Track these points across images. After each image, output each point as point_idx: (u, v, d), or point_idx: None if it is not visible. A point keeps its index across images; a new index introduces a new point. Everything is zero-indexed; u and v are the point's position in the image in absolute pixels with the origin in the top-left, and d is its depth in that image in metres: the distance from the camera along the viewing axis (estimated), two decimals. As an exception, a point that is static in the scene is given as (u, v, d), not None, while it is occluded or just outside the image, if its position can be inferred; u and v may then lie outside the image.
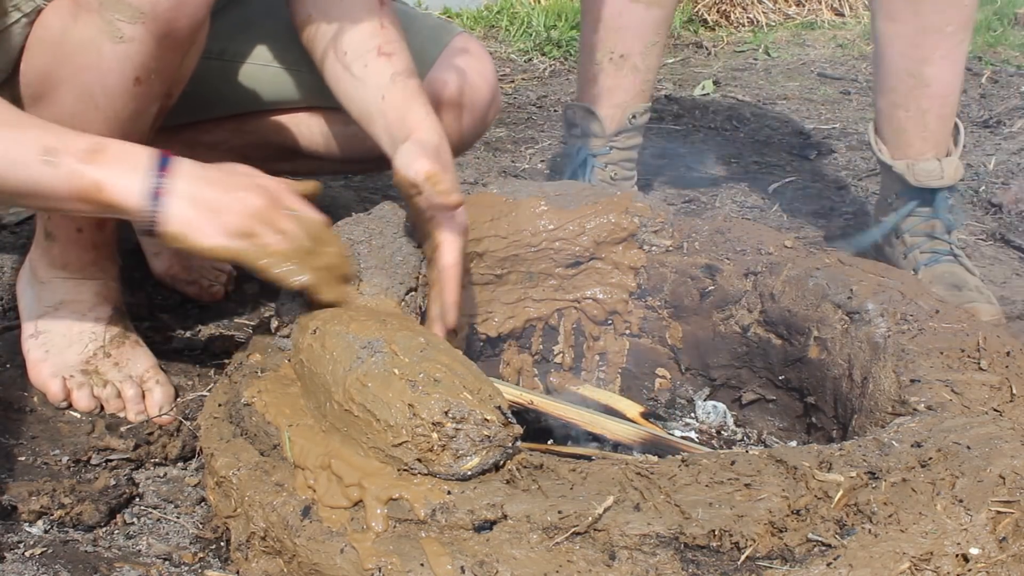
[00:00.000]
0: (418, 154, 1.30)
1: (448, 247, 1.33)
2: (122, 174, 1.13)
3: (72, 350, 1.49)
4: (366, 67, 1.43)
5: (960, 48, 1.90)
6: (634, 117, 2.12)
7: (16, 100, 1.31)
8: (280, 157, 1.87)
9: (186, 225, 1.14)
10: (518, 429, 1.06)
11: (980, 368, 1.23)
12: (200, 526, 1.28)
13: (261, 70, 1.73)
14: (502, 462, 1.04)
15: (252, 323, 1.80)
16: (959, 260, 1.94)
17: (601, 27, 2.06)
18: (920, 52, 1.87)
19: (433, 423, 1.02)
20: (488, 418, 1.03)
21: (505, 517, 0.99)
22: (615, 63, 2.07)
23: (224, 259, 1.19)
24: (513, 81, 3.68)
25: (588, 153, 2.14)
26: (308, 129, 1.80)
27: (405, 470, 1.04)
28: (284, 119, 1.79)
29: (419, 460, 1.03)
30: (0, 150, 1.12)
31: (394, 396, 1.04)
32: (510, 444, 1.05)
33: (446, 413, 1.03)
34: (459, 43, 1.73)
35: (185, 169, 1.16)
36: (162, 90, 1.34)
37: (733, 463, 1.03)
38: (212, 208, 1.15)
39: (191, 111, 1.79)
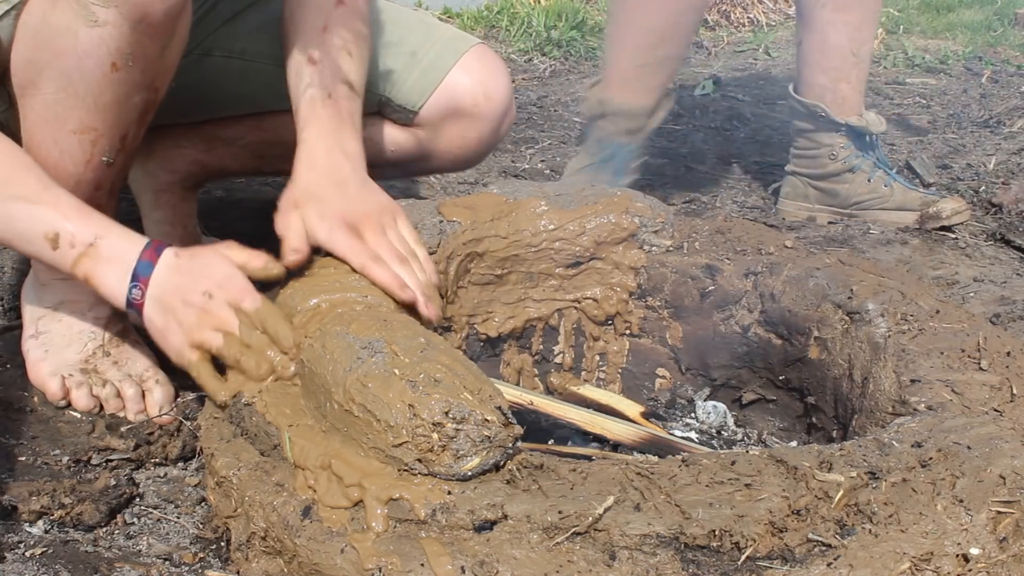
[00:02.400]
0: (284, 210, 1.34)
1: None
2: (110, 276, 1.28)
3: (71, 349, 1.49)
4: (298, 75, 1.44)
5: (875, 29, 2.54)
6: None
7: (12, 95, 1.34)
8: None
9: (157, 335, 1.30)
10: (518, 429, 1.06)
11: (980, 368, 1.23)
12: (200, 526, 1.28)
13: (278, 70, 1.74)
14: (502, 462, 1.04)
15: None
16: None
17: (653, 33, 2.23)
18: (861, 35, 2.33)
19: (433, 423, 1.02)
20: (488, 418, 1.03)
21: (505, 517, 0.99)
22: (663, 64, 2.27)
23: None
24: (514, 81, 3.68)
25: (632, 147, 2.29)
26: None
27: (405, 470, 1.04)
28: None
29: (419, 460, 1.03)
30: (15, 225, 1.28)
31: (394, 396, 1.04)
32: (510, 444, 1.05)
33: (446, 413, 1.03)
34: (475, 54, 1.72)
35: (159, 276, 1.28)
36: (143, 80, 1.34)
37: (733, 463, 1.03)
38: (175, 319, 1.27)
39: (211, 108, 1.79)
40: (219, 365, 1.27)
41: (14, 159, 1.29)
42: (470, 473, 1.03)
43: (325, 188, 1.35)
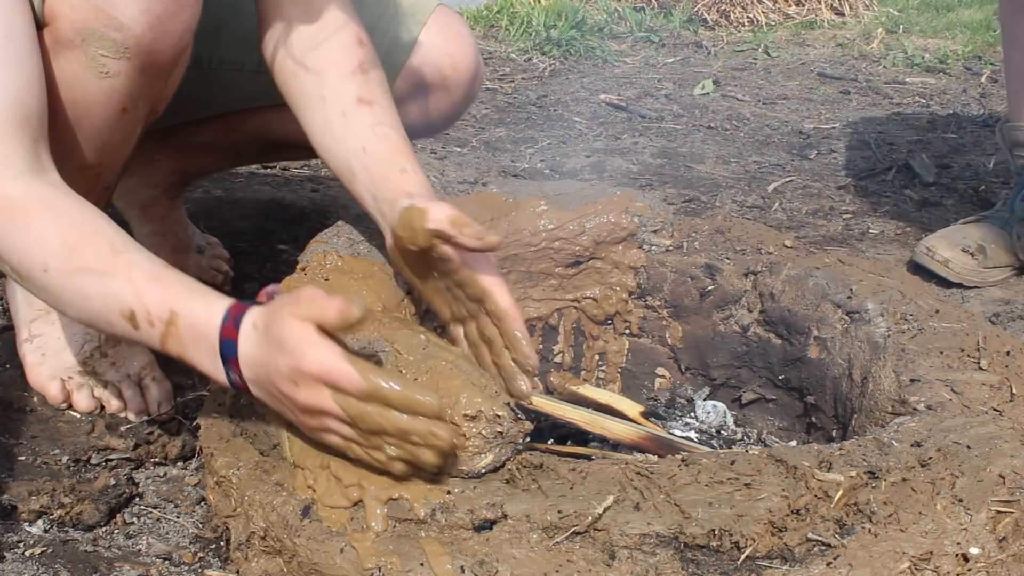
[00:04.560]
0: (431, 203, 1.22)
1: (499, 289, 1.24)
2: (204, 359, 1.08)
3: (68, 352, 1.48)
4: (345, 116, 1.34)
5: None
6: None
7: None
8: (271, 148, 1.87)
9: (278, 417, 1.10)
10: (528, 425, 1.05)
11: (980, 368, 1.23)
12: (200, 526, 1.28)
13: (239, 75, 1.71)
14: (513, 459, 1.04)
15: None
16: None
17: None
18: None
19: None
20: (500, 414, 1.03)
21: (505, 517, 0.99)
22: None
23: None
24: (513, 81, 3.68)
25: None
26: (295, 121, 1.79)
27: (405, 470, 1.04)
28: (271, 114, 1.76)
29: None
30: (90, 305, 1.09)
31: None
32: (521, 440, 1.04)
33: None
34: (437, 22, 1.69)
35: (247, 357, 1.04)
36: (147, 111, 1.34)
37: (733, 463, 1.03)
38: (283, 407, 1.06)
39: (175, 117, 1.77)
40: None
41: (82, 219, 1.10)
42: (483, 471, 1.02)
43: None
